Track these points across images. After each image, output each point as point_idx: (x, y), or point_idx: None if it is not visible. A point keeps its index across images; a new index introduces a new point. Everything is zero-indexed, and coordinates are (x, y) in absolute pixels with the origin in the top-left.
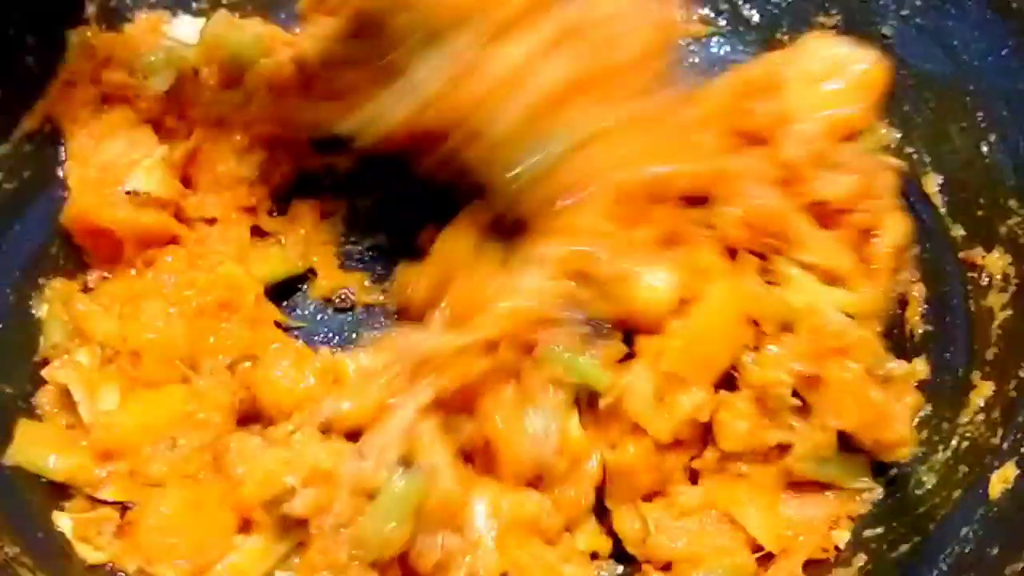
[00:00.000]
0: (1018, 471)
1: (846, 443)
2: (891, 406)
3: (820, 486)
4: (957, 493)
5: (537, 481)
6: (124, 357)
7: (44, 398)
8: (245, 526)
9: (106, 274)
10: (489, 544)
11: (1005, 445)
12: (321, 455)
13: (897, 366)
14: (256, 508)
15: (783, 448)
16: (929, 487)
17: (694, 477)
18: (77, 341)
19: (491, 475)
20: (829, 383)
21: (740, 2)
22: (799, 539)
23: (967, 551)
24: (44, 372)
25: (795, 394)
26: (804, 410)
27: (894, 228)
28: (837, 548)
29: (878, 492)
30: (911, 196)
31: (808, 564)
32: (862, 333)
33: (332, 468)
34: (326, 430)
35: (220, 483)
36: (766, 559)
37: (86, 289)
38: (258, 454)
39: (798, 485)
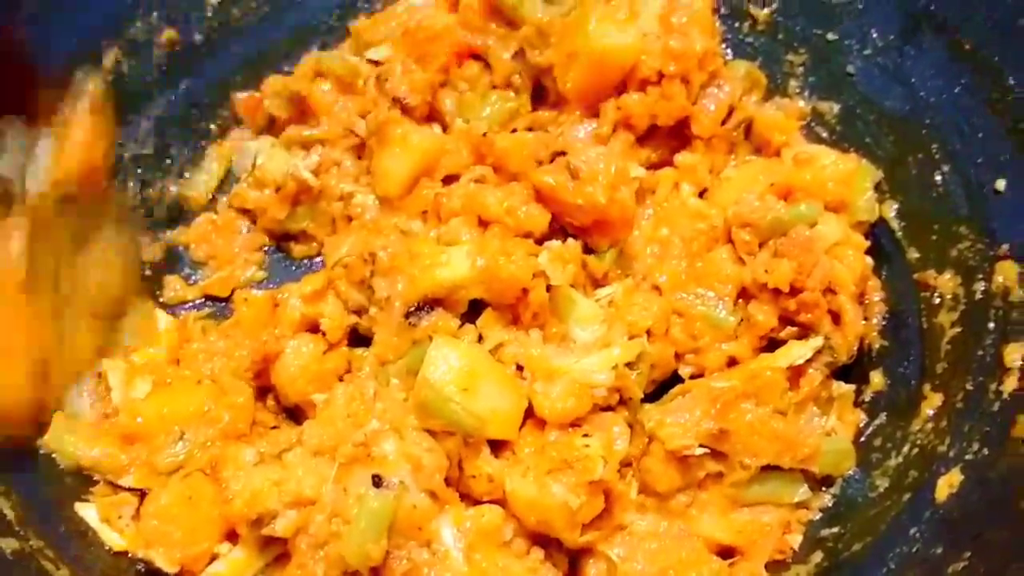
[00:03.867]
0: (963, 476)
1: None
2: (800, 431)
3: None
4: (907, 496)
5: None
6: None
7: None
8: (232, 535)
9: None
10: (457, 556)
11: (952, 452)
12: (308, 480)
13: (837, 387)
14: (241, 523)
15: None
16: (882, 490)
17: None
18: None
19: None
20: (734, 431)
21: None
22: (757, 541)
23: (914, 550)
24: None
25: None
26: (722, 454)
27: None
28: (793, 550)
29: (826, 499)
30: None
31: (767, 564)
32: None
33: (316, 495)
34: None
35: (214, 486)
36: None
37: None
38: (250, 470)
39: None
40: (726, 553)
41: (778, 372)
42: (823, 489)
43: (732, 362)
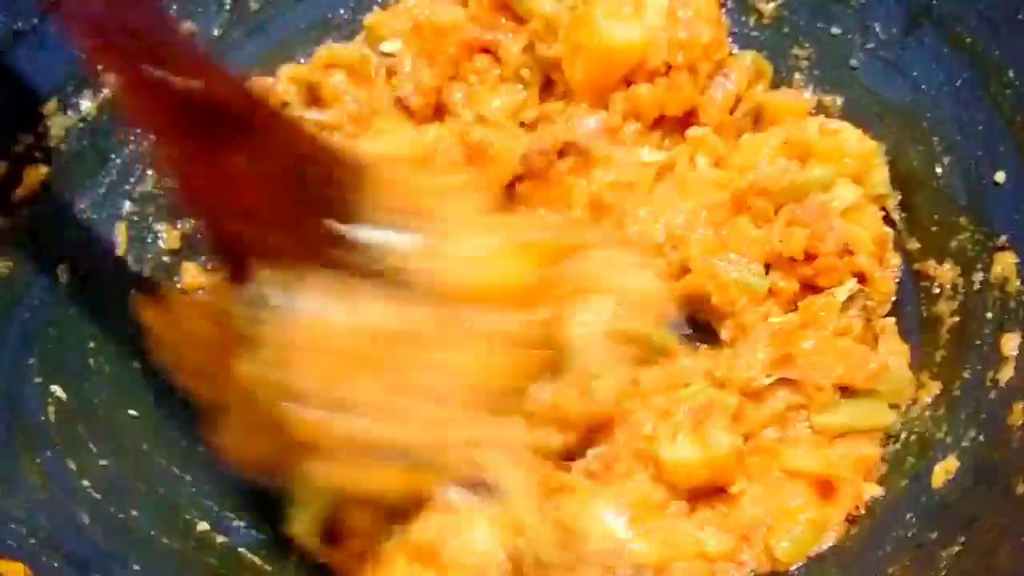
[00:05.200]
0: (959, 463)
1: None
2: (863, 349)
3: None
4: (904, 482)
5: None
6: None
7: None
8: None
9: None
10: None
11: (948, 440)
12: None
13: (879, 323)
14: None
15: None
16: (880, 475)
17: None
18: None
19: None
20: (798, 354)
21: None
22: (849, 477)
23: (909, 535)
24: None
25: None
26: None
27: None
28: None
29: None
30: None
31: None
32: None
33: None
34: None
35: None
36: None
37: None
38: None
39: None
40: (821, 492)
41: (829, 304)
42: None
43: None
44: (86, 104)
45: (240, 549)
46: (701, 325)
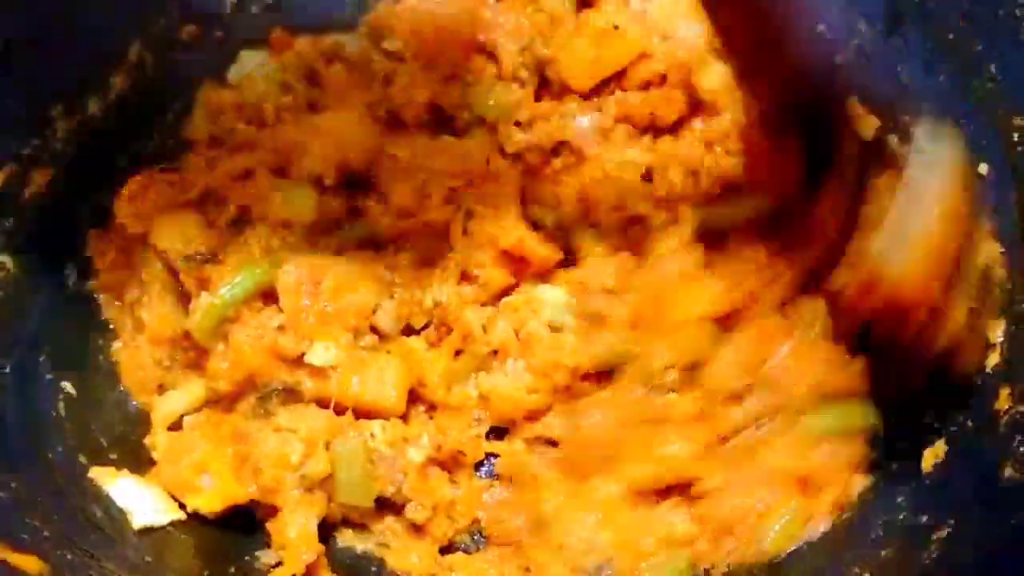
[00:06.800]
0: (947, 448)
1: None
2: (841, 351)
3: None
4: (894, 466)
5: None
6: None
7: None
8: None
9: None
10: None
11: (937, 424)
12: None
13: None
14: None
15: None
16: (870, 460)
17: None
18: None
19: None
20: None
21: None
22: (832, 478)
23: (900, 518)
24: None
25: None
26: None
27: None
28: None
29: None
30: None
31: None
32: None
33: None
34: None
35: None
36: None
37: None
38: None
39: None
40: (803, 490)
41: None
42: None
43: None
44: (92, 107)
45: (247, 536)
46: None
